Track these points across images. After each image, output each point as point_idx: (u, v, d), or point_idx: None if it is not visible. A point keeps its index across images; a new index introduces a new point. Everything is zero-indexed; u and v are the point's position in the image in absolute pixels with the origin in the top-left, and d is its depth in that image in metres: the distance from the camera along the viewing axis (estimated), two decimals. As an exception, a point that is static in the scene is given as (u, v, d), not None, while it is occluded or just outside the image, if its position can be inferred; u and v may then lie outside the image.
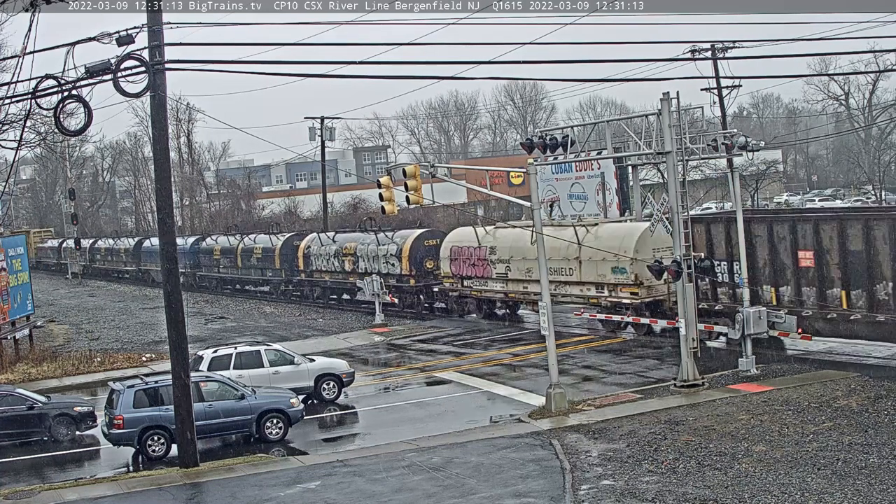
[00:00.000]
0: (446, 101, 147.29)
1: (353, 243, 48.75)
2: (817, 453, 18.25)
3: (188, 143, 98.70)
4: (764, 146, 33.15)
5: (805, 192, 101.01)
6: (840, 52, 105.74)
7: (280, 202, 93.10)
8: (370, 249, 46.86)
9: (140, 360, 35.75)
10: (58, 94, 18.99)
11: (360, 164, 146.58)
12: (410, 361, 33.81)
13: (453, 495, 17.55)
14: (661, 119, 25.04)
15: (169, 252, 21.56)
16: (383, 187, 26.01)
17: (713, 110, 51.94)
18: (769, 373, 26.02)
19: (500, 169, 66.29)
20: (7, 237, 40.90)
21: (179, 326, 21.22)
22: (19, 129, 34.96)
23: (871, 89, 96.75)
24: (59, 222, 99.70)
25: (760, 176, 75.19)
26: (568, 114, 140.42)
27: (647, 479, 17.54)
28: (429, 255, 44.01)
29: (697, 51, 47.98)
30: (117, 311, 55.88)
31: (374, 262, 46.29)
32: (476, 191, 36.08)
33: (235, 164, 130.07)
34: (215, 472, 20.60)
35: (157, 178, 21.81)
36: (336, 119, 65.08)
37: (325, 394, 27.85)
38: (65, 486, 20.33)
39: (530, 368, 30.48)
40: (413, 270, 44.14)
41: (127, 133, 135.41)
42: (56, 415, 25.11)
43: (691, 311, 25.37)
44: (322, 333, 41.11)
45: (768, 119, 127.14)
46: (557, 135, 26.87)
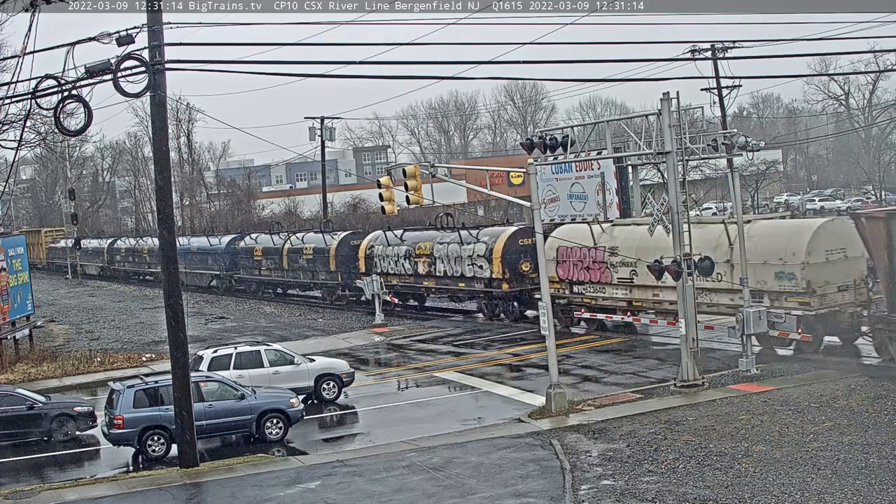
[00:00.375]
0: (446, 101, 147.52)
1: (428, 242, 43.79)
2: (817, 453, 18.25)
3: (188, 143, 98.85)
4: (764, 146, 33.11)
5: (805, 192, 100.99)
6: (840, 52, 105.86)
7: (280, 202, 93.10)
8: (451, 250, 41.94)
9: (140, 360, 35.74)
10: (58, 94, 19.01)
11: (360, 164, 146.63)
12: (410, 361, 33.81)
13: (453, 495, 17.55)
14: (661, 119, 25.04)
15: (169, 252, 21.57)
16: (383, 187, 26.04)
17: (713, 110, 51.97)
18: (769, 373, 26.02)
19: (500, 169, 66.21)
20: (8, 237, 40.85)
21: (179, 326, 21.22)
22: (19, 129, 35.01)
23: (871, 89, 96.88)
24: (59, 222, 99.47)
25: (760, 176, 75.15)
26: (568, 114, 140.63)
27: (647, 479, 17.54)
28: (525, 257, 38.98)
29: (697, 51, 47.99)
30: (117, 311, 55.88)
31: (457, 263, 41.47)
32: (476, 191, 36.08)
33: (235, 164, 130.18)
34: (215, 472, 20.60)
35: (157, 179, 21.81)
36: (336, 119, 65.15)
37: (325, 394, 27.84)
38: (65, 486, 20.33)
39: (530, 368, 30.47)
40: (506, 273, 39.18)
41: (127, 133, 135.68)
42: (56, 415, 25.10)
43: (691, 310, 25.37)
44: (322, 333, 41.10)
45: (768, 119, 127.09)
46: (557, 135, 26.87)
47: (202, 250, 64.47)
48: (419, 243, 44.41)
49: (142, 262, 75.65)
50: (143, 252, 75.14)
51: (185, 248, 62.97)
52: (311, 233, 54.73)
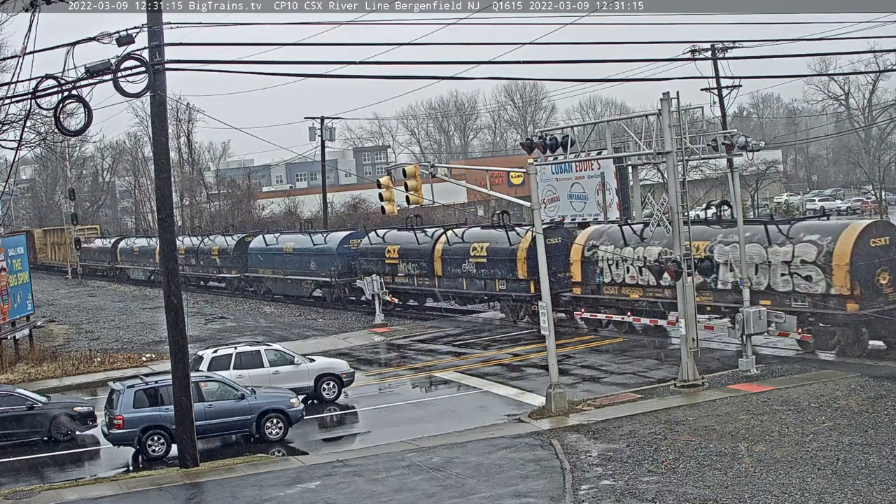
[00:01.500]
0: (446, 101, 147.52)
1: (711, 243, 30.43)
2: (817, 453, 18.26)
3: (188, 143, 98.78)
4: (764, 146, 33.11)
5: (805, 192, 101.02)
6: (840, 52, 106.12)
7: (280, 202, 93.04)
8: (779, 253, 28.78)
9: (140, 360, 35.74)
10: (58, 94, 19.01)
11: (360, 164, 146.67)
12: (410, 361, 33.81)
13: (453, 495, 17.55)
14: (661, 119, 25.05)
15: (169, 252, 21.56)
16: (383, 187, 26.04)
17: (713, 110, 51.95)
18: (769, 373, 26.03)
19: (500, 169, 66.23)
20: (7, 237, 40.85)
21: (179, 326, 21.23)
22: (19, 129, 35.02)
23: (871, 89, 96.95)
24: (58, 222, 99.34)
25: (760, 176, 75.18)
26: (568, 114, 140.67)
27: (647, 479, 17.54)
28: (882, 263, 27.80)
29: (697, 51, 47.99)
30: (117, 311, 55.85)
31: (771, 273, 28.92)
32: (476, 191, 36.05)
33: (235, 164, 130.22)
34: (215, 472, 20.60)
35: (157, 178, 21.81)
36: (336, 119, 65.14)
37: (325, 394, 27.85)
38: (65, 486, 20.33)
39: (530, 368, 30.47)
40: (856, 289, 27.24)
41: (127, 133, 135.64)
42: (56, 415, 25.10)
43: (691, 311, 25.37)
44: (322, 333, 41.10)
45: (768, 119, 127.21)
46: (557, 135, 26.88)
47: (302, 251, 51.21)
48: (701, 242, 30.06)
49: (210, 264, 61.69)
50: (212, 253, 61.05)
51: (274, 249, 53.53)
52: (494, 228, 40.52)
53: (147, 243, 70.40)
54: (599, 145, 29.26)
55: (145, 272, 70.34)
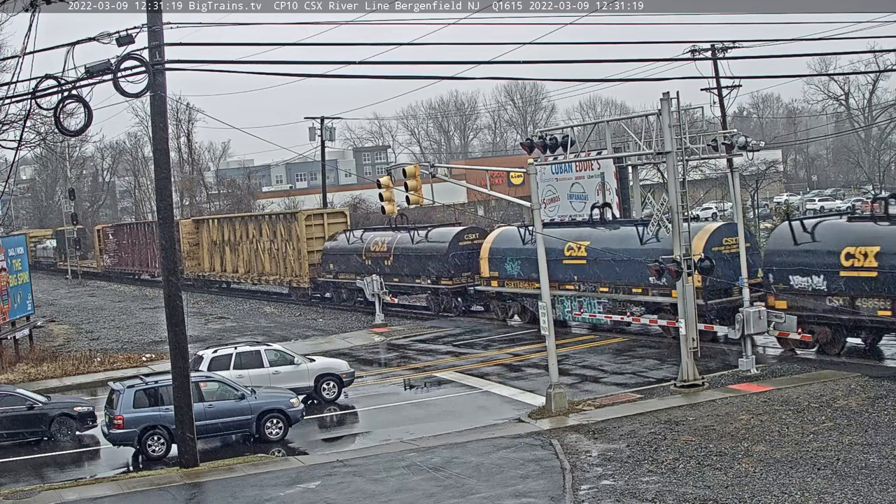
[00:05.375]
0: (446, 101, 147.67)
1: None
2: (817, 453, 18.26)
3: (188, 143, 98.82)
4: (764, 146, 33.12)
5: (805, 192, 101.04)
6: (840, 52, 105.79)
7: (280, 202, 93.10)
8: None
9: (140, 360, 35.74)
10: (58, 94, 19.01)
11: (360, 164, 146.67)
12: (410, 361, 33.80)
13: (453, 495, 17.56)
14: (661, 119, 25.05)
15: (169, 252, 21.57)
16: (383, 187, 26.05)
17: (713, 110, 51.85)
18: (769, 373, 26.04)
19: (500, 169, 66.16)
20: (8, 238, 40.83)
21: (179, 326, 21.23)
22: (19, 129, 35.03)
23: (871, 89, 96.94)
24: (59, 222, 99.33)
25: (760, 176, 75.04)
26: (568, 114, 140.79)
27: (647, 479, 17.55)
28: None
29: (697, 51, 47.92)
30: (117, 311, 55.85)
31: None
32: (476, 191, 36.06)
33: (235, 164, 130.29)
34: (215, 472, 20.60)
35: (157, 178, 21.82)
36: (336, 119, 65.06)
37: (325, 394, 27.84)
38: (65, 486, 20.34)
39: (530, 368, 30.46)
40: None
41: (127, 133, 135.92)
42: (56, 415, 25.10)
43: (691, 311, 25.37)
44: (322, 333, 41.09)
45: (768, 119, 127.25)
46: (557, 135, 26.90)
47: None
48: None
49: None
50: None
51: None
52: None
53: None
54: (599, 145, 29.30)
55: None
